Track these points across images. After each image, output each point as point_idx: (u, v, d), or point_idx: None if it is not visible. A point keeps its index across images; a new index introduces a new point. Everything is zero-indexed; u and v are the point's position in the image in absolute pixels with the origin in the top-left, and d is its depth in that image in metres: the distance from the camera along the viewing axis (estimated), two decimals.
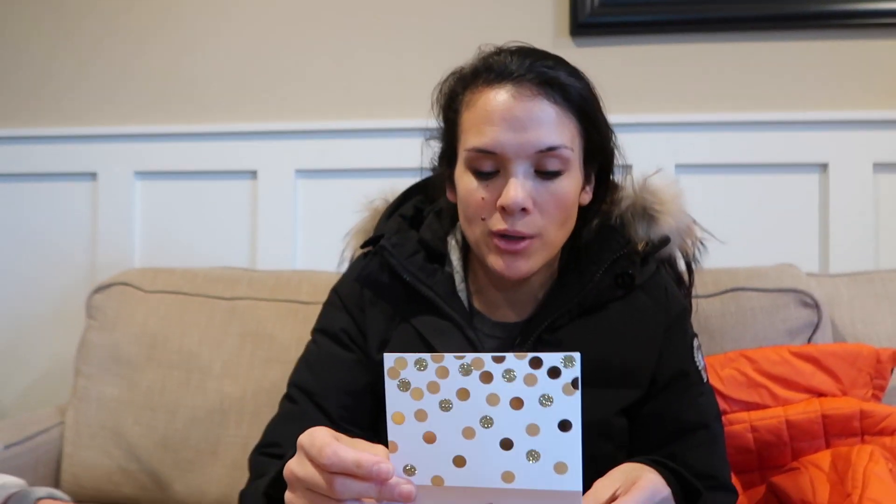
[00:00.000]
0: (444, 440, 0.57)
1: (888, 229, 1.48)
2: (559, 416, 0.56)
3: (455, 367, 0.56)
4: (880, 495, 0.86)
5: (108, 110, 1.72)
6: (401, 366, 0.57)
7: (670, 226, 0.90)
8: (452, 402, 0.56)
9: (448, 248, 0.92)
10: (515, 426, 0.56)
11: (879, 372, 1.09)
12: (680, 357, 0.87)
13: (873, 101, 1.49)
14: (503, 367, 0.56)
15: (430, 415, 0.57)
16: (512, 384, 0.56)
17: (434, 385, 0.57)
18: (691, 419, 0.85)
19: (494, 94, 0.80)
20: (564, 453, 0.56)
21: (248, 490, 0.82)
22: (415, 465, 0.57)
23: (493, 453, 0.56)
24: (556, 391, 0.56)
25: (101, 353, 1.41)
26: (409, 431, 0.57)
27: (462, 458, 0.57)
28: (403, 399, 0.57)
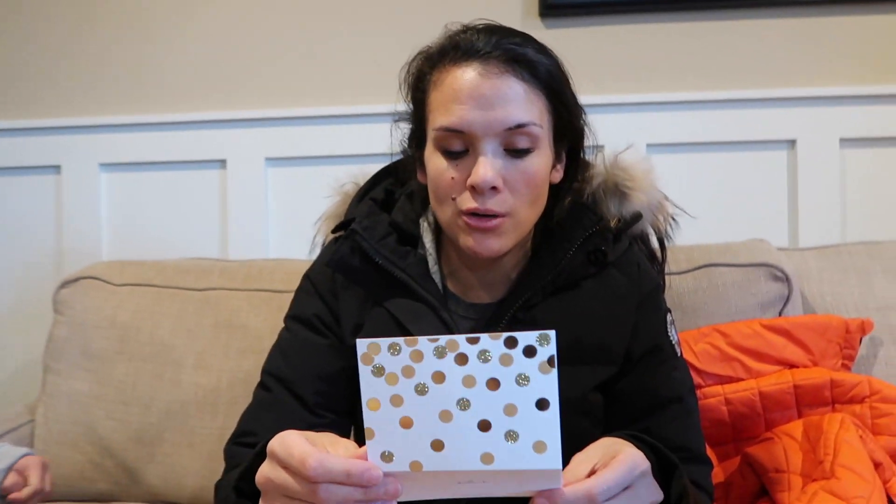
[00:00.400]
0: (422, 424, 0.56)
1: (854, 203, 1.50)
2: (536, 394, 0.55)
3: (429, 349, 0.56)
4: (851, 461, 0.88)
5: (70, 101, 1.68)
6: (374, 351, 0.56)
7: (642, 202, 0.90)
8: (428, 386, 0.56)
9: (420, 231, 0.91)
10: (493, 407, 0.55)
11: (848, 342, 1.11)
12: (654, 333, 0.88)
13: (840, 78, 1.50)
14: (478, 348, 0.55)
15: (406, 399, 0.56)
16: (488, 365, 0.55)
17: (409, 369, 0.56)
18: (665, 393, 0.85)
19: (462, 73, 0.79)
20: (543, 432, 0.55)
21: (223, 482, 0.81)
22: (392, 451, 0.56)
23: (472, 435, 0.56)
24: (532, 370, 0.55)
25: (70, 349, 1.38)
26: (385, 417, 0.56)
27: (440, 441, 0.56)
28: (378, 385, 0.56)
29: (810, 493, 0.86)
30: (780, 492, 0.92)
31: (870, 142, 1.50)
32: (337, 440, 0.63)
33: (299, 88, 1.62)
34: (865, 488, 0.85)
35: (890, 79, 1.49)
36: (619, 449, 0.65)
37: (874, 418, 1.00)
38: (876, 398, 1.01)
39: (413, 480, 0.58)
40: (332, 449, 0.61)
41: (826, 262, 1.26)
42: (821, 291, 1.22)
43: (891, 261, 1.25)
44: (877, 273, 1.24)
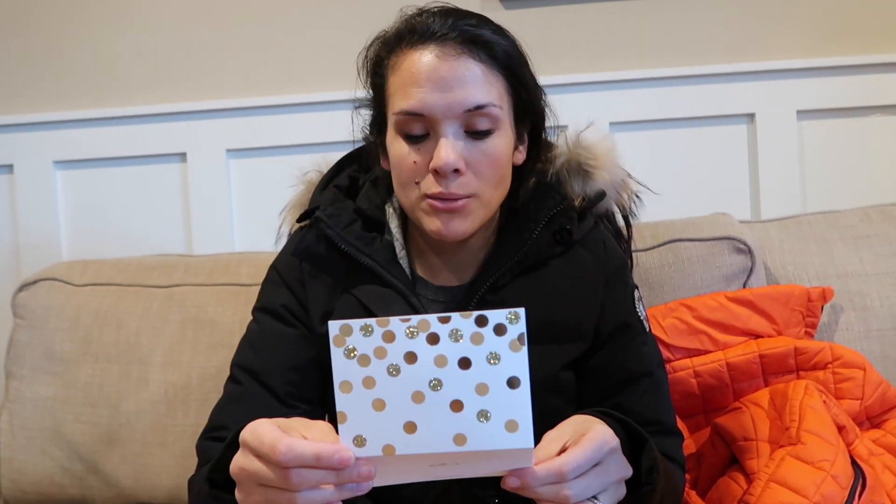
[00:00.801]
0: (394, 406, 0.56)
1: (813, 174, 1.53)
2: (507, 373, 0.56)
3: (401, 330, 0.56)
4: (816, 426, 0.90)
5: (20, 97, 1.63)
6: (346, 333, 0.56)
7: (605, 180, 0.91)
8: (400, 367, 0.56)
9: (386, 217, 0.91)
10: (464, 387, 0.56)
11: (811, 310, 1.14)
12: (622, 309, 0.89)
13: (796, 51, 1.53)
14: (449, 328, 0.56)
15: (378, 381, 0.56)
16: (459, 344, 0.56)
17: (381, 350, 0.56)
18: (635, 369, 0.86)
19: (419, 56, 0.79)
20: (514, 411, 0.56)
21: (196, 477, 0.80)
22: (365, 434, 0.56)
23: (444, 416, 0.56)
24: (503, 348, 0.56)
25: (33, 353, 1.35)
26: (357, 400, 0.56)
27: (412, 423, 0.56)
28: (350, 367, 0.56)
29: (778, 458, 0.88)
30: (749, 459, 0.94)
31: (826, 113, 1.52)
32: (311, 424, 0.63)
33: (258, 78, 1.59)
34: (830, 452, 0.87)
35: (843, 50, 1.52)
36: (588, 426, 0.66)
37: (836, 383, 1.03)
38: (838, 364, 1.04)
39: (386, 464, 0.58)
40: (307, 432, 0.61)
41: (787, 232, 1.29)
42: (783, 262, 1.25)
43: (848, 229, 1.28)
44: (835, 241, 1.26)
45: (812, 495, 0.83)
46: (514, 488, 0.60)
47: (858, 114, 1.52)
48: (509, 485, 0.60)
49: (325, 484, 0.57)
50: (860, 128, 1.53)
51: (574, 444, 0.63)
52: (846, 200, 1.46)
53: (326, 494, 0.57)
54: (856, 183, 1.52)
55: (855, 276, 1.22)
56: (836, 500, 0.83)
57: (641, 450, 0.73)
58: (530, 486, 0.60)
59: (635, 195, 0.98)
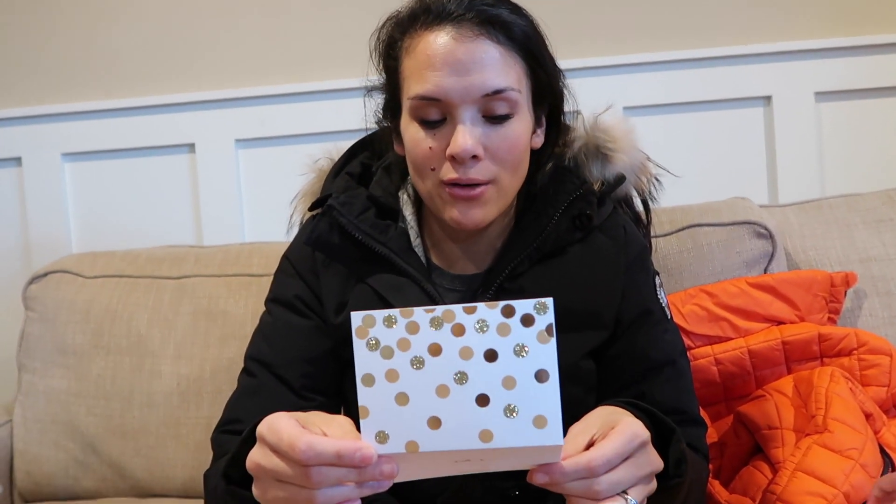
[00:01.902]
0: (418, 400, 0.53)
1: (831, 157, 1.50)
2: (535, 366, 0.53)
3: (425, 321, 0.54)
4: (843, 414, 0.88)
5: (28, 90, 1.62)
6: (369, 324, 0.54)
7: (624, 163, 0.89)
8: (424, 359, 0.54)
9: (400, 204, 0.89)
10: (491, 380, 0.53)
11: (834, 295, 1.11)
12: (643, 296, 0.87)
13: (813, 31, 1.49)
14: (475, 318, 0.54)
15: (402, 374, 0.54)
16: (485, 335, 0.54)
17: (404, 342, 0.54)
18: (658, 357, 0.84)
19: (434, 38, 0.77)
20: (543, 406, 0.53)
21: (211, 471, 0.79)
22: (387, 430, 0.54)
23: (470, 411, 0.53)
24: (530, 340, 0.53)
25: (45, 346, 1.34)
26: (380, 394, 0.54)
27: (437, 419, 0.53)
28: (373, 359, 0.54)
29: (804, 447, 0.86)
30: (773, 448, 0.92)
31: (844, 94, 1.49)
32: (331, 419, 0.61)
33: (265, 67, 1.58)
34: (858, 440, 0.85)
35: (861, 30, 1.49)
36: (617, 419, 0.64)
37: (862, 370, 1.01)
38: (863, 350, 1.02)
39: (409, 461, 0.56)
40: (326, 428, 0.59)
41: (807, 216, 1.26)
42: (803, 246, 1.22)
43: (870, 212, 1.25)
44: (857, 225, 1.24)
45: (841, 485, 0.81)
46: (543, 484, 0.58)
47: (878, 95, 1.49)
48: (537, 480, 0.58)
49: (345, 482, 0.55)
50: (880, 109, 1.50)
51: (603, 438, 0.61)
52: (866, 183, 1.43)
53: (346, 492, 0.55)
54: (876, 165, 1.49)
55: (878, 261, 1.20)
56: (865, 489, 0.82)
57: (668, 441, 0.71)
58: (559, 482, 0.57)
59: (655, 178, 0.95)
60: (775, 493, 0.84)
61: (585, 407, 0.80)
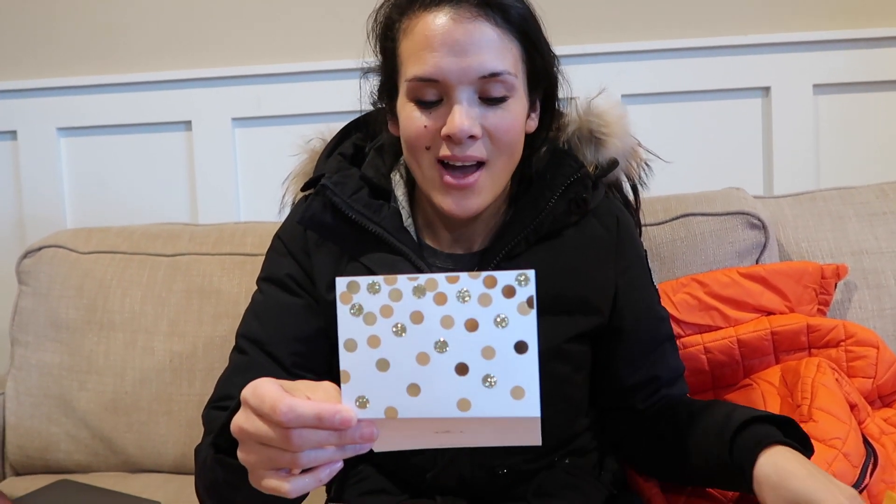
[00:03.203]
0: (398, 367, 0.54)
1: (828, 149, 1.50)
2: (515, 337, 0.54)
3: (408, 288, 0.54)
4: (828, 404, 0.89)
5: (24, 62, 1.61)
6: (353, 290, 0.55)
7: (617, 148, 0.90)
8: (406, 327, 0.54)
9: (393, 184, 0.90)
10: (471, 349, 0.54)
11: (824, 287, 1.12)
12: (642, 287, 0.90)
13: (813, 23, 1.49)
14: (457, 288, 0.54)
15: (384, 340, 0.54)
16: (466, 305, 0.54)
17: (387, 309, 0.54)
18: (660, 336, 0.90)
19: (433, 18, 0.77)
20: (521, 377, 0.54)
21: (202, 444, 0.80)
22: (367, 396, 0.54)
23: (449, 379, 0.54)
24: (511, 311, 0.54)
25: (38, 320, 1.34)
26: (361, 359, 0.54)
27: (416, 385, 0.54)
28: (356, 325, 0.55)
29: None
30: None
31: (843, 87, 1.49)
32: (316, 385, 0.61)
33: (263, 45, 1.57)
34: (842, 429, 0.86)
35: (862, 23, 1.48)
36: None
37: (849, 361, 1.02)
38: (851, 342, 1.03)
39: (389, 428, 0.56)
40: (311, 393, 0.60)
41: (800, 208, 1.27)
42: (796, 238, 1.23)
43: (863, 205, 1.26)
44: (850, 218, 1.24)
45: None
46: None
47: (876, 89, 1.49)
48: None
49: (326, 444, 0.56)
50: (878, 103, 1.50)
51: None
52: (861, 176, 1.43)
53: (328, 454, 0.56)
54: (872, 159, 1.50)
55: (869, 254, 1.20)
56: (847, 478, 0.83)
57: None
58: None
59: (645, 164, 0.96)
60: None
61: (573, 384, 0.85)
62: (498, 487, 0.85)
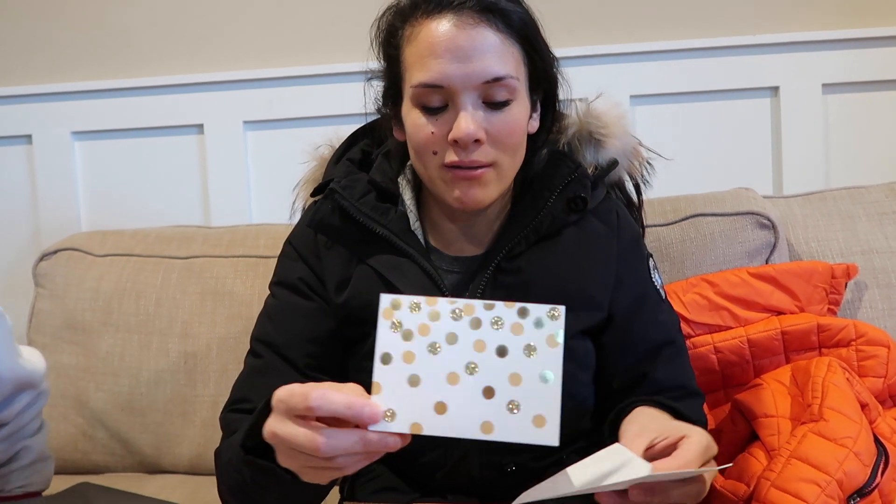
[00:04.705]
0: (428, 384, 0.57)
1: (837, 149, 1.50)
2: (541, 367, 0.57)
3: (447, 310, 0.58)
4: (839, 403, 0.89)
5: (39, 68, 1.63)
6: (395, 307, 0.59)
7: (617, 148, 0.91)
8: (441, 346, 0.58)
9: (400, 189, 0.91)
10: (499, 374, 0.57)
11: (834, 287, 1.12)
12: (638, 281, 0.90)
13: (821, 22, 1.49)
14: (492, 315, 0.58)
15: (418, 357, 0.58)
16: (499, 332, 0.58)
17: (425, 327, 0.58)
18: (656, 338, 0.88)
19: (436, 25, 0.79)
20: (544, 406, 0.57)
21: (223, 446, 0.81)
22: (395, 409, 0.57)
23: (475, 401, 0.57)
24: (540, 342, 0.58)
25: (54, 322, 1.36)
26: (394, 373, 0.57)
27: (443, 404, 0.57)
28: (394, 339, 0.58)
29: (800, 435, 0.88)
30: (769, 436, 0.93)
31: (852, 86, 1.49)
32: (342, 385, 0.63)
33: (275, 48, 1.58)
34: (853, 429, 0.86)
35: (870, 22, 1.48)
36: (685, 432, 0.67)
37: (860, 361, 1.02)
38: (861, 341, 1.03)
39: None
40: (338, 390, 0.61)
41: (810, 208, 1.27)
42: (806, 238, 1.23)
43: (873, 205, 1.26)
44: (860, 218, 1.25)
45: (834, 472, 0.83)
46: None
47: (885, 88, 1.49)
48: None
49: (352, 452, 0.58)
50: (887, 102, 1.49)
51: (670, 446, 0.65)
52: (871, 176, 1.43)
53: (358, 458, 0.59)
54: (882, 158, 1.49)
55: (880, 253, 1.20)
56: (858, 477, 0.83)
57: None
58: None
59: (647, 162, 0.97)
60: (770, 479, 0.86)
61: (578, 382, 0.86)
62: (507, 485, 0.86)
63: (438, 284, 0.84)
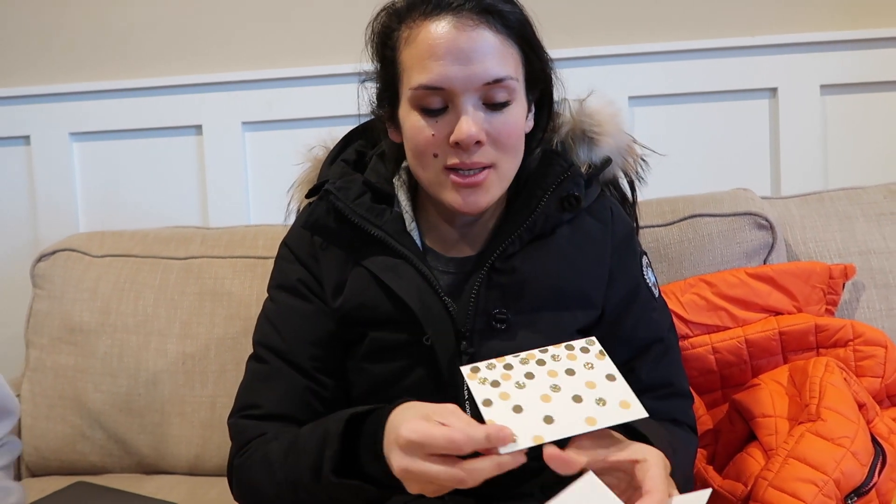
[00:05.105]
0: (530, 407, 0.68)
1: (835, 150, 1.50)
2: (603, 372, 0.73)
3: (516, 361, 0.73)
4: (836, 403, 0.89)
5: (37, 68, 1.63)
6: (475, 370, 0.71)
7: (610, 146, 0.91)
8: (524, 383, 0.71)
9: (395, 189, 0.91)
10: (578, 386, 0.71)
11: (832, 287, 1.13)
12: (631, 277, 0.90)
13: (819, 23, 1.49)
14: (550, 353, 0.74)
15: (511, 394, 0.69)
16: (560, 362, 0.73)
17: (506, 375, 0.71)
18: (647, 335, 0.88)
19: (434, 27, 0.78)
20: (622, 394, 0.70)
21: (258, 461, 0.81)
22: (514, 432, 0.65)
23: (571, 407, 0.69)
24: (592, 359, 0.74)
25: (52, 323, 1.36)
26: (499, 410, 0.68)
27: (549, 416, 0.67)
28: (486, 390, 0.69)
29: (797, 435, 0.88)
30: (767, 435, 0.94)
31: (850, 87, 1.49)
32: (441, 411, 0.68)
33: (274, 49, 1.58)
34: (850, 428, 0.87)
35: (868, 23, 1.48)
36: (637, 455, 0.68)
37: (857, 361, 1.02)
38: (859, 341, 1.03)
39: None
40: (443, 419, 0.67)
41: (808, 209, 1.27)
42: (804, 238, 1.23)
43: (871, 205, 1.26)
44: (857, 218, 1.25)
45: (832, 472, 0.83)
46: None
47: (883, 89, 1.49)
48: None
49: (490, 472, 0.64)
50: (885, 103, 1.50)
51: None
52: (869, 177, 1.43)
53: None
54: (879, 159, 1.50)
55: (877, 254, 1.20)
56: (855, 477, 0.83)
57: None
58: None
59: (641, 159, 0.97)
60: (767, 479, 0.86)
61: None
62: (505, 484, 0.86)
63: (434, 286, 0.84)
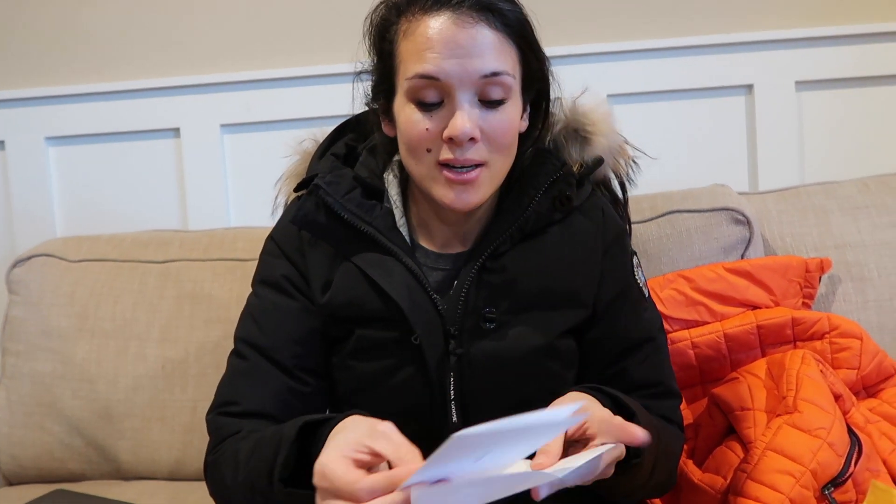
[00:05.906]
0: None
1: (811, 145, 1.52)
2: None
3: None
4: (813, 395, 0.90)
5: (11, 72, 1.60)
6: None
7: (603, 146, 0.91)
8: None
9: (386, 185, 0.90)
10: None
11: (808, 281, 1.14)
12: (621, 277, 0.90)
13: (795, 20, 1.51)
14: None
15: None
16: None
17: None
18: (637, 335, 0.88)
19: (434, 21, 0.78)
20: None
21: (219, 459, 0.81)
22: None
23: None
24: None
25: (29, 329, 1.34)
26: None
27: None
28: None
29: (775, 427, 0.89)
30: (746, 428, 0.94)
31: (825, 83, 1.51)
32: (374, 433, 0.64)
33: (252, 50, 1.57)
34: (826, 420, 0.88)
35: (844, 20, 1.50)
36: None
37: (834, 353, 1.03)
38: (835, 334, 1.04)
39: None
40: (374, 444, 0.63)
41: (785, 204, 1.29)
42: (781, 233, 1.24)
43: (846, 200, 1.28)
44: (833, 212, 1.26)
45: (808, 463, 0.84)
46: None
47: (858, 84, 1.51)
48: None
49: None
50: (860, 99, 1.51)
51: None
52: (845, 171, 1.45)
53: None
54: (855, 154, 1.51)
55: (853, 247, 1.22)
56: (832, 467, 0.84)
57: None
58: None
59: (632, 161, 0.97)
60: (746, 471, 0.87)
61: (563, 382, 0.85)
62: None
63: (422, 283, 0.84)
